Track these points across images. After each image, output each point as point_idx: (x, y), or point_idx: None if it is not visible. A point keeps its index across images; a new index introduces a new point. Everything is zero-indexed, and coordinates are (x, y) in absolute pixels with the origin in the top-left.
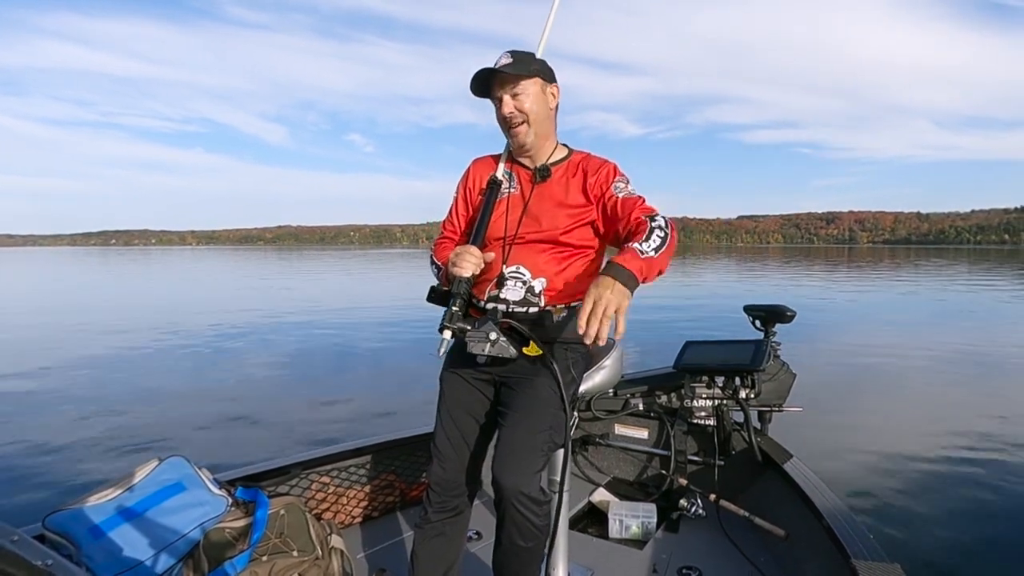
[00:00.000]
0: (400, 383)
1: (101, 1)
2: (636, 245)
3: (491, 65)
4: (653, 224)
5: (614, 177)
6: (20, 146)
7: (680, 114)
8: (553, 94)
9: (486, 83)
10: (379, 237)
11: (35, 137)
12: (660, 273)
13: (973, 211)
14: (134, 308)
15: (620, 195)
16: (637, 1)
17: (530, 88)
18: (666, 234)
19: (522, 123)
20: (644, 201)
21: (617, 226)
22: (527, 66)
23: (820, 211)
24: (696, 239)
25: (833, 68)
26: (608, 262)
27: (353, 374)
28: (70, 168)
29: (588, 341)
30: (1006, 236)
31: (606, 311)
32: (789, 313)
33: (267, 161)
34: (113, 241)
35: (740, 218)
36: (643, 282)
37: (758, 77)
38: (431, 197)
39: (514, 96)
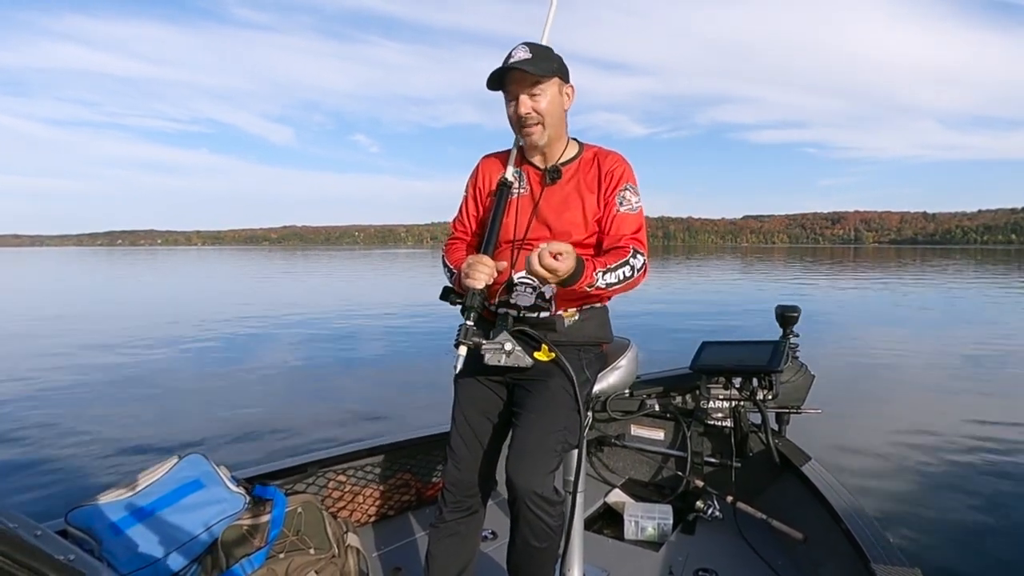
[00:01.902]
0: (417, 382)
1: (104, 3)
2: (600, 272)
3: (500, 57)
4: (631, 261)
5: (624, 183)
6: (25, 147)
7: (684, 114)
8: (568, 94)
9: (502, 77)
10: (384, 237)
11: (40, 138)
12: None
13: (980, 211)
14: (151, 308)
15: (621, 209)
16: (638, 1)
17: (548, 89)
18: (631, 277)
19: (537, 124)
20: (640, 229)
21: (603, 236)
22: (548, 65)
23: (825, 211)
24: (701, 239)
25: (837, 68)
26: (582, 259)
27: (369, 373)
28: (75, 169)
29: (532, 262)
30: (1013, 236)
31: (546, 274)
32: (792, 314)
33: (272, 162)
34: (119, 241)
35: (745, 218)
36: (575, 288)
37: (762, 77)
38: (434, 197)
39: (532, 96)
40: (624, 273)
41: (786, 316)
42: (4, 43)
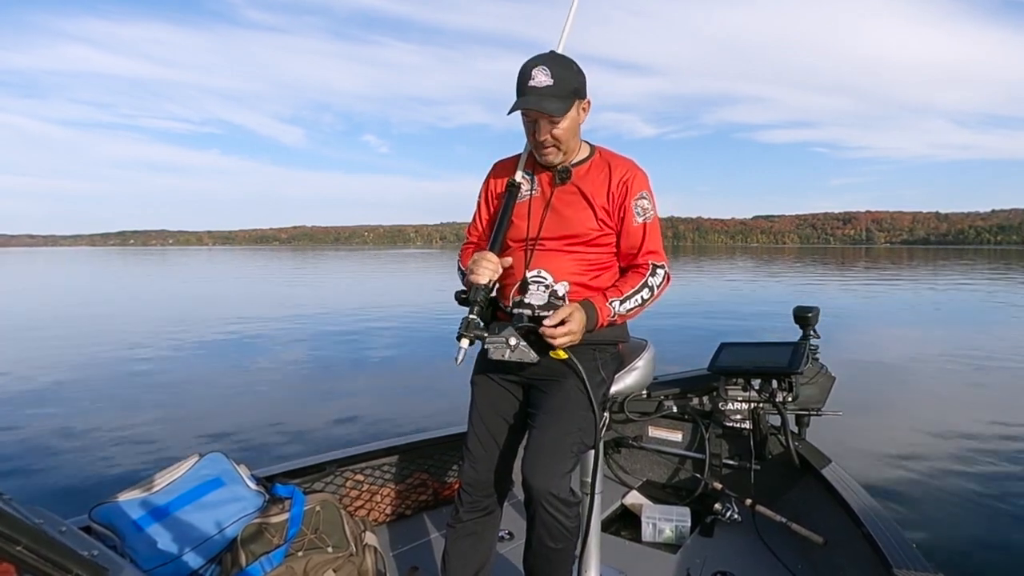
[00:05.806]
0: (434, 382)
1: (115, 5)
2: (615, 301)
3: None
4: (649, 281)
5: (638, 191)
6: (39, 148)
7: (693, 114)
8: (585, 108)
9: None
10: (393, 237)
11: (53, 139)
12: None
13: (993, 211)
14: (167, 308)
15: (639, 220)
16: (648, 2)
17: (568, 114)
18: (650, 298)
19: (553, 146)
20: (656, 238)
21: (619, 248)
22: (568, 87)
23: (836, 211)
24: (711, 239)
25: (847, 67)
26: (589, 301)
27: (386, 373)
28: (88, 170)
29: (545, 333)
30: None
31: (566, 338)
32: (811, 314)
33: (282, 162)
34: (131, 241)
35: (755, 218)
36: (602, 325)
37: (771, 77)
38: (443, 197)
39: (551, 122)
40: (643, 296)
41: (805, 317)
42: (16, 45)
